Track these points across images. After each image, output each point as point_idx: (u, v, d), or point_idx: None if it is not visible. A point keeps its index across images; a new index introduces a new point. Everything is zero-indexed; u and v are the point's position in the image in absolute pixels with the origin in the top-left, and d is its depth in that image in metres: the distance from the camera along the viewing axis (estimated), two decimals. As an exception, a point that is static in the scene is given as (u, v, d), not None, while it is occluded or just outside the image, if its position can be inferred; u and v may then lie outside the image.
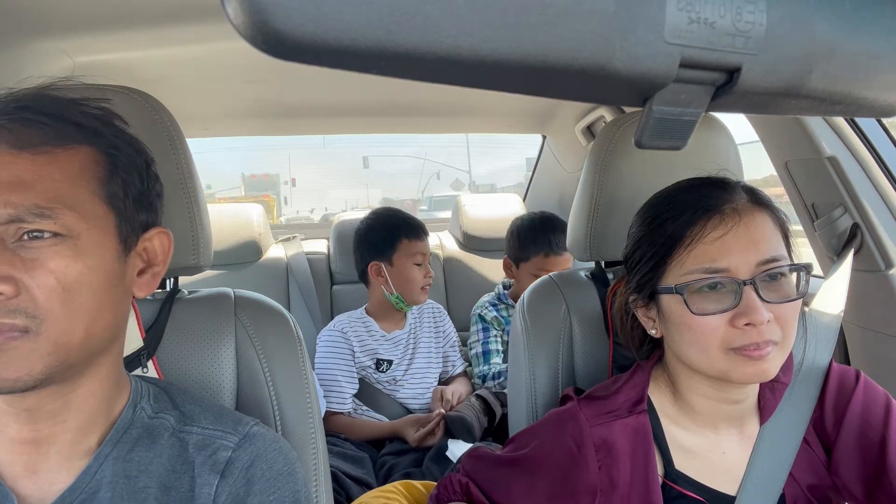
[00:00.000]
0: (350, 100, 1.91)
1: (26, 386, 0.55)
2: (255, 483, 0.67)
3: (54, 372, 0.57)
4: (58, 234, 0.56)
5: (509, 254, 1.94)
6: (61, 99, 0.61)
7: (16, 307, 0.54)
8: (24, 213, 0.55)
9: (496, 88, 0.34)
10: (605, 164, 1.00)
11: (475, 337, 1.91)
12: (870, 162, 1.10)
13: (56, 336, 0.56)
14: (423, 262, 1.80)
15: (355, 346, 1.77)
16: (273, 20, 0.26)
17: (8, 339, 0.54)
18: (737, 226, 0.72)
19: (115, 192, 0.62)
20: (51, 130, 0.58)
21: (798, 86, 0.36)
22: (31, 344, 0.55)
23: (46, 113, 0.59)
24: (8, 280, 0.54)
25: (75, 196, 0.58)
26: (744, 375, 0.71)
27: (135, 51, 1.30)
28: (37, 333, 0.55)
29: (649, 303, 0.79)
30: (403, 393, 1.78)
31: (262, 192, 14.22)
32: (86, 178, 0.60)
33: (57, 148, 0.58)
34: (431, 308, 1.95)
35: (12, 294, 0.54)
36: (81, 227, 0.58)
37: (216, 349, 0.86)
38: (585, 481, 0.78)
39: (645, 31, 0.31)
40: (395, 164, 38.62)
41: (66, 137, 0.59)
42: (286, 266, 2.23)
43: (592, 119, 2.03)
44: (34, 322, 0.55)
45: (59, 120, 0.59)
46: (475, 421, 1.62)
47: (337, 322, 1.83)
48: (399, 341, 1.83)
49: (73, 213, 0.57)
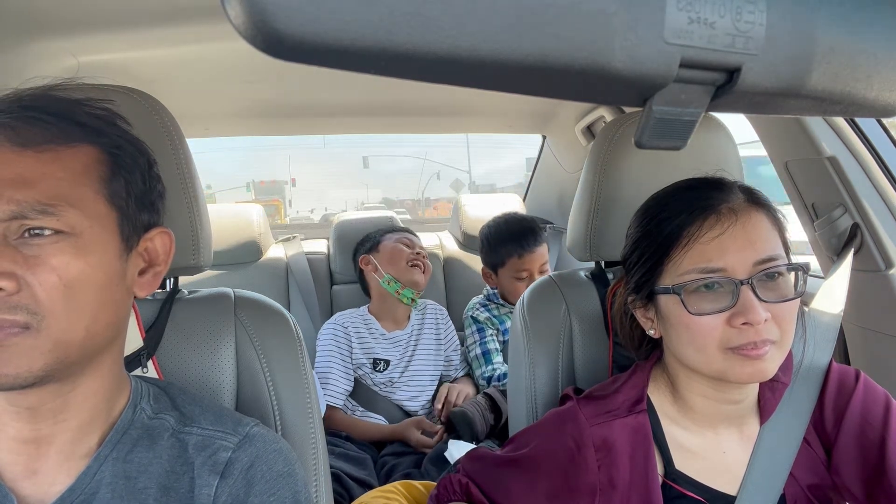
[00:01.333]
0: (350, 100, 1.91)
1: (26, 382, 0.55)
2: (254, 484, 0.67)
3: (54, 369, 0.57)
4: (60, 231, 0.56)
5: (485, 263, 1.93)
6: (65, 99, 0.62)
7: (17, 303, 0.54)
8: (27, 209, 0.55)
9: (496, 88, 0.34)
10: (605, 164, 1.00)
11: (472, 339, 1.90)
12: (870, 162, 1.10)
13: (57, 333, 0.56)
14: (408, 244, 1.86)
15: (354, 342, 1.77)
16: (273, 20, 0.26)
17: (8, 336, 0.54)
18: (733, 225, 0.72)
19: (117, 191, 0.62)
20: (55, 129, 0.59)
21: (798, 86, 0.36)
22: (32, 340, 0.55)
23: (50, 112, 0.59)
24: (9, 276, 0.54)
25: (78, 194, 0.58)
26: (741, 375, 0.71)
27: (135, 51, 1.30)
28: (38, 330, 0.55)
29: (647, 303, 0.80)
30: (400, 395, 1.78)
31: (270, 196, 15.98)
32: (89, 177, 0.60)
33: (61, 146, 0.59)
34: (434, 310, 1.95)
35: (14, 290, 0.54)
36: (84, 225, 0.58)
37: (216, 349, 0.86)
38: (585, 481, 0.78)
39: (645, 31, 0.31)
40: (394, 165, 38.63)
41: (70, 136, 0.59)
42: (286, 266, 2.23)
43: (592, 119, 2.03)
44: (35, 318, 0.55)
45: (63, 119, 0.60)
46: (478, 417, 1.61)
47: (339, 316, 1.83)
48: (399, 341, 1.82)
49: (76, 211, 0.58)
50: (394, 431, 1.67)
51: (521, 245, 1.83)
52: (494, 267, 1.89)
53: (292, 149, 25.58)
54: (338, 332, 1.78)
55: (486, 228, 1.96)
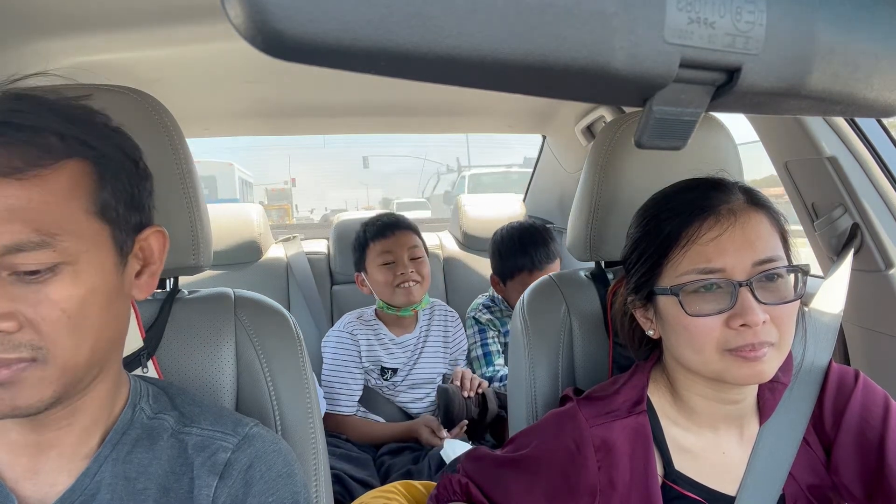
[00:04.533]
0: (350, 100, 1.91)
1: (38, 410, 0.56)
2: (253, 484, 0.67)
3: (64, 393, 0.57)
4: (56, 262, 0.55)
5: (495, 271, 1.87)
6: (38, 107, 0.57)
7: (20, 342, 0.54)
8: (23, 242, 0.53)
9: (496, 88, 0.34)
10: (605, 164, 1.00)
11: (473, 339, 1.89)
12: (870, 162, 1.10)
13: (63, 360, 0.56)
14: (394, 261, 1.72)
15: (363, 350, 1.75)
16: (273, 20, 0.26)
17: (17, 372, 0.54)
18: (732, 226, 0.72)
19: (106, 202, 0.60)
20: (34, 150, 0.55)
21: (798, 86, 0.36)
22: (40, 372, 0.55)
23: (26, 127, 0.55)
24: (9, 317, 0.53)
25: (69, 217, 0.56)
26: (739, 376, 0.71)
27: (135, 51, 1.30)
28: (44, 361, 0.55)
29: (647, 304, 0.79)
30: (403, 397, 1.77)
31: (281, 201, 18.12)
32: (77, 197, 0.57)
33: (44, 169, 0.55)
34: (443, 311, 1.89)
35: (14, 329, 0.53)
36: (80, 250, 0.56)
37: (216, 349, 0.86)
38: (585, 482, 0.78)
39: (645, 31, 0.31)
40: (394, 164, 38.61)
41: (51, 153, 0.56)
42: (286, 266, 2.23)
43: (592, 119, 2.03)
44: (41, 352, 0.55)
45: (40, 133, 0.56)
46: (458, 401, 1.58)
47: (347, 323, 1.78)
48: (408, 346, 1.79)
49: (71, 237, 0.56)
50: (406, 429, 1.65)
51: (532, 262, 1.77)
52: (503, 277, 1.84)
53: (292, 149, 25.66)
54: (345, 340, 1.74)
55: (498, 235, 1.88)
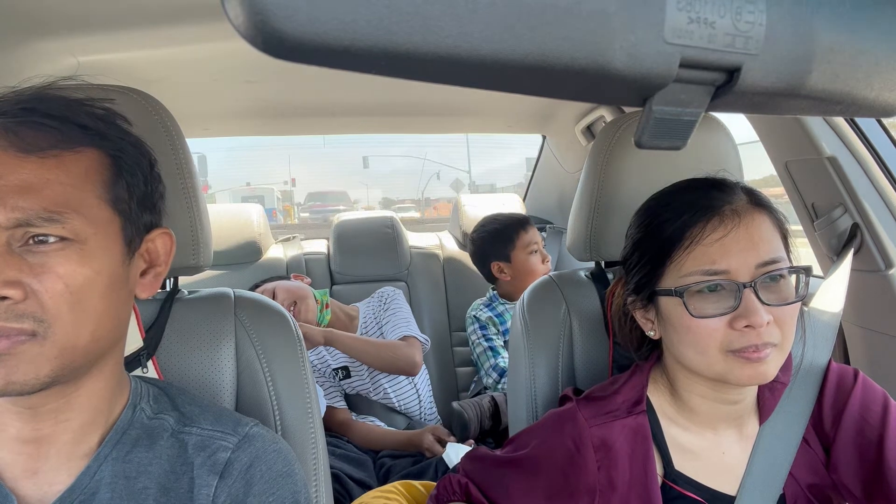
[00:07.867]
0: (350, 100, 1.91)
1: (33, 389, 0.56)
2: (254, 484, 0.67)
3: (60, 374, 0.57)
4: (65, 238, 0.56)
5: (495, 257, 1.94)
6: (66, 99, 0.61)
7: (23, 312, 0.54)
8: (32, 217, 0.55)
9: (496, 88, 0.34)
10: (605, 164, 1.00)
11: (474, 336, 1.91)
12: (870, 162, 1.10)
13: (63, 340, 0.56)
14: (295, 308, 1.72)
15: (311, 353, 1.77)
16: (273, 20, 0.26)
17: (16, 343, 0.54)
18: (736, 227, 0.72)
19: (120, 195, 0.62)
20: (57, 133, 0.58)
21: (798, 86, 0.36)
22: (38, 348, 0.55)
23: (52, 115, 0.59)
24: (16, 284, 0.54)
25: (82, 200, 0.58)
26: (742, 377, 0.71)
27: (135, 51, 1.30)
28: (44, 337, 0.55)
29: (648, 304, 0.79)
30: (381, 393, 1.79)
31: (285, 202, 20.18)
32: (92, 182, 0.60)
33: (64, 151, 0.58)
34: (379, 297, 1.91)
35: (20, 298, 0.54)
36: (88, 232, 0.58)
37: (216, 349, 0.86)
38: (584, 482, 0.78)
39: (645, 31, 0.31)
40: (394, 164, 38.62)
41: (72, 140, 0.59)
42: (286, 266, 2.23)
43: (592, 119, 2.03)
44: (42, 326, 0.55)
45: (65, 122, 0.59)
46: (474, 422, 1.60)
47: None
48: None
49: (81, 218, 0.57)
50: (409, 439, 1.66)
51: (520, 223, 1.95)
52: (506, 253, 1.92)
53: (292, 149, 25.70)
54: None
55: (480, 231, 2.00)
